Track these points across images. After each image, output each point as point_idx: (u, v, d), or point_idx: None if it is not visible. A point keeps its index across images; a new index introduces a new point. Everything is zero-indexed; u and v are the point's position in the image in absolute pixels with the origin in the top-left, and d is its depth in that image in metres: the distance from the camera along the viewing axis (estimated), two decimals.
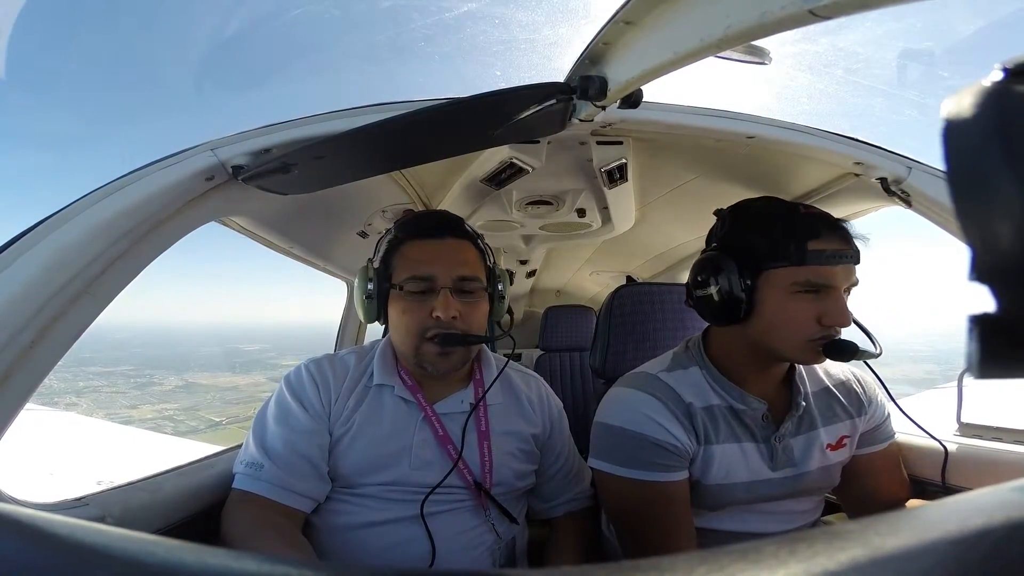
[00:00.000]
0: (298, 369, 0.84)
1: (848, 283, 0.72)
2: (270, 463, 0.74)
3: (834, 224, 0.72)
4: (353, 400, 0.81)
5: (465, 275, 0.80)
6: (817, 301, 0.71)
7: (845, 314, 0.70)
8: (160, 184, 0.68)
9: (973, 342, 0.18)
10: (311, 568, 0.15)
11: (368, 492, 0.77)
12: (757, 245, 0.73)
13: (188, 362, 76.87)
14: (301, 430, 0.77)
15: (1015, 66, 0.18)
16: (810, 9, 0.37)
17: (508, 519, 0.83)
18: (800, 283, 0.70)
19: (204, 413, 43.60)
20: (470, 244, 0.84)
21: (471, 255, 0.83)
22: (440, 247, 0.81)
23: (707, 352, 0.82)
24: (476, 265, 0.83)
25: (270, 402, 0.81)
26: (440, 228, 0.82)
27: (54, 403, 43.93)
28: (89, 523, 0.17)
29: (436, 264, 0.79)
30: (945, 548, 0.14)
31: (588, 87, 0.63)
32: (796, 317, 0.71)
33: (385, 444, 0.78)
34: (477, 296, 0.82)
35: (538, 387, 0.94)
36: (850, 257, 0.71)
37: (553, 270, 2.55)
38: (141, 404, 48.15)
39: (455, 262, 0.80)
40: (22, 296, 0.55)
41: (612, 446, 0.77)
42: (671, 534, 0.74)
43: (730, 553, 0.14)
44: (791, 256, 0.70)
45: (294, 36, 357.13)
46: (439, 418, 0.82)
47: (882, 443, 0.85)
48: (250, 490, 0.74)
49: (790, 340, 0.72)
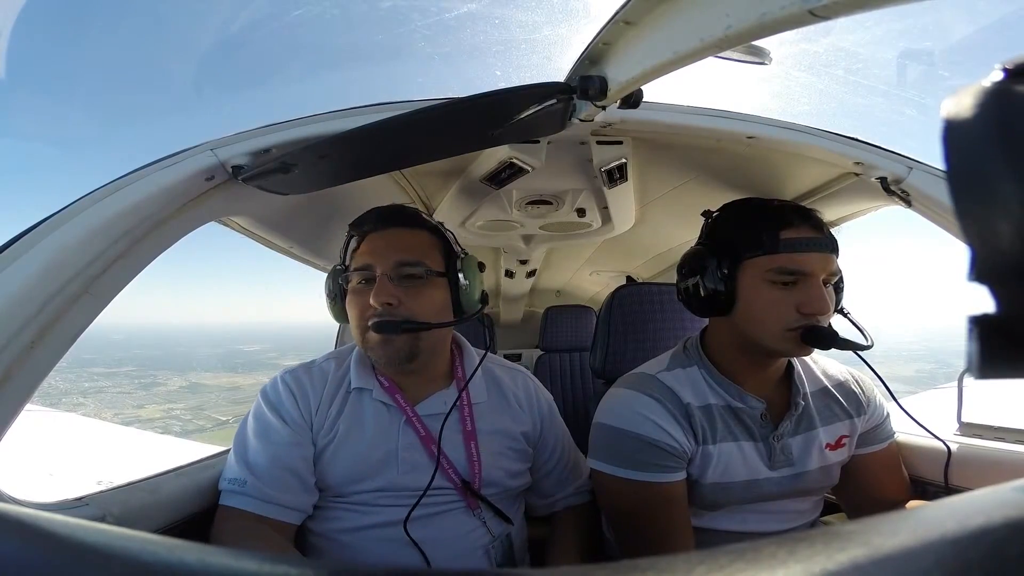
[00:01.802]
0: (274, 381, 0.82)
1: (826, 272, 0.73)
2: (253, 478, 0.74)
3: (807, 214, 0.75)
4: (335, 408, 0.79)
5: (405, 260, 0.77)
6: (795, 290, 0.72)
7: (823, 302, 0.71)
8: (160, 184, 0.68)
9: (973, 342, 0.18)
10: (311, 568, 0.15)
11: (359, 499, 0.76)
12: (735, 238, 0.76)
13: (190, 363, 77.26)
14: (282, 443, 0.75)
15: (1015, 66, 0.18)
16: (810, 9, 0.37)
17: (502, 519, 0.82)
18: (775, 270, 0.72)
19: (210, 412, 43.81)
20: (421, 231, 0.82)
21: (418, 241, 0.81)
22: (383, 237, 0.80)
23: (705, 351, 0.82)
24: (423, 250, 0.80)
25: (248, 417, 0.80)
26: (385, 220, 0.81)
27: (60, 403, 44.21)
28: (89, 523, 0.17)
29: (375, 254, 0.78)
30: (945, 548, 0.14)
31: (588, 87, 0.63)
32: (774, 306, 0.72)
33: (370, 452, 0.77)
34: (423, 282, 0.78)
35: (525, 382, 0.92)
36: (824, 245, 0.73)
37: (553, 270, 2.55)
38: (147, 404, 48.52)
39: (395, 249, 0.78)
40: (22, 296, 0.55)
41: (610, 447, 0.78)
42: (668, 535, 0.75)
43: (729, 553, 0.14)
44: (765, 244, 0.72)
45: (294, 36, 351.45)
46: (421, 419, 0.80)
47: (881, 443, 0.85)
48: (235, 506, 0.74)
49: (770, 329, 0.73)
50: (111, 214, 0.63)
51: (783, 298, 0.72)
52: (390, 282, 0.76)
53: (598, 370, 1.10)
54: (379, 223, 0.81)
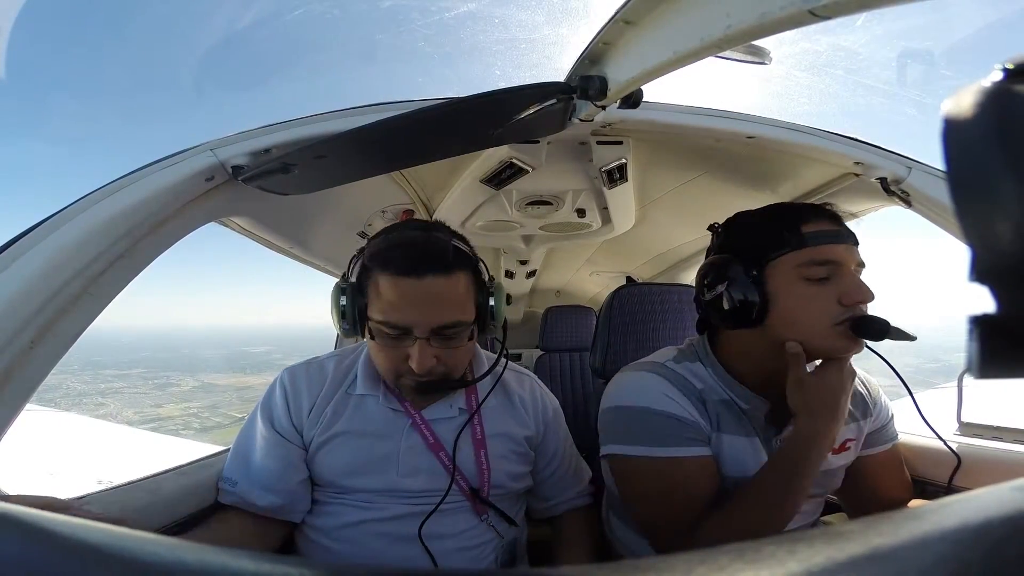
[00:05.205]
0: (272, 383, 0.83)
1: (855, 262, 0.70)
2: (244, 477, 0.77)
3: (820, 209, 0.73)
4: (331, 408, 0.79)
5: (446, 324, 0.70)
6: (831, 284, 0.68)
7: (863, 288, 0.67)
8: (160, 184, 0.68)
9: (973, 342, 0.18)
10: (311, 568, 0.15)
11: (359, 497, 0.77)
12: (755, 241, 0.73)
13: (199, 364, 78.12)
14: (269, 447, 0.78)
15: (1015, 66, 0.18)
16: (810, 9, 0.37)
17: (507, 522, 0.82)
18: (806, 263, 0.68)
19: (226, 410, 44.62)
20: (458, 277, 0.71)
21: (457, 292, 0.70)
22: (418, 290, 0.68)
23: (716, 354, 0.80)
24: (461, 304, 0.71)
25: (248, 416, 0.83)
26: (420, 266, 0.68)
27: (82, 404, 44.65)
28: (89, 522, 0.17)
29: (412, 312, 0.68)
30: (945, 548, 0.14)
31: (588, 87, 0.63)
32: (814, 301, 0.68)
33: (370, 449, 0.77)
34: (461, 338, 0.73)
35: (532, 386, 0.91)
36: (846, 236, 0.70)
37: (553, 270, 2.55)
38: (165, 404, 49.52)
39: (435, 310, 0.69)
40: (22, 296, 0.55)
41: (632, 427, 0.74)
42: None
43: (729, 553, 0.14)
44: (789, 241, 0.69)
45: (294, 36, 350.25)
46: (428, 424, 0.80)
47: (885, 444, 0.84)
48: (225, 502, 0.78)
49: (815, 327, 0.68)
50: (111, 214, 0.63)
51: (821, 292, 0.68)
52: (429, 346, 0.70)
53: (598, 370, 1.10)
54: (412, 269, 0.68)
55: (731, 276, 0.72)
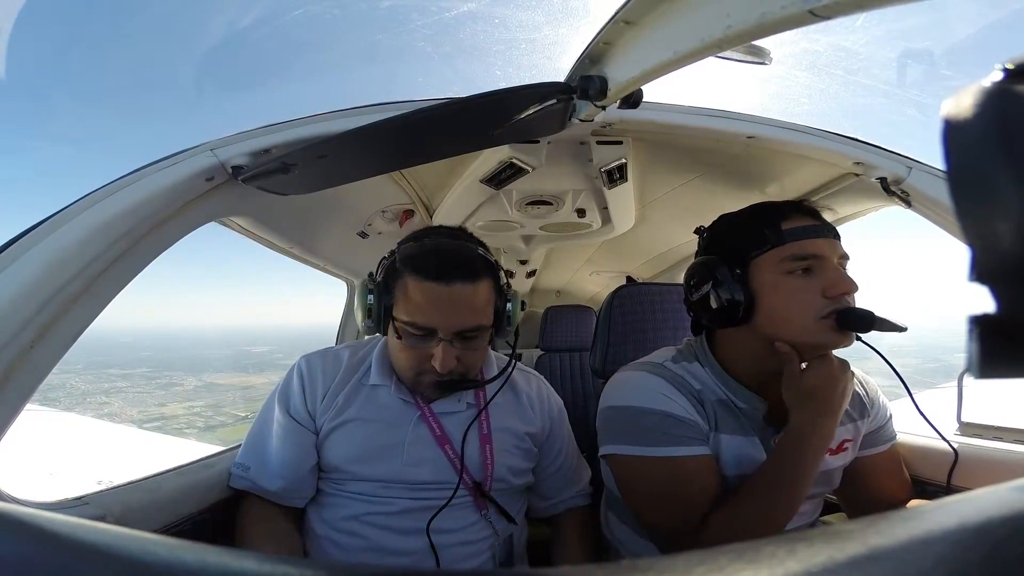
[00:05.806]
0: (291, 370, 0.86)
1: (837, 255, 0.71)
2: (255, 463, 0.81)
3: (800, 205, 0.75)
4: (343, 396, 0.81)
5: (469, 327, 0.75)
6: (814, 276, 0.69)
7: (846, 279, 0.68)
8: (160, 184, 0.68)
9: (973, 342, 0.18)
10: (311, 568, 0.15)
11: (362, 488, 0.79)
12: (737, 241, 0.75)
13: (202, 364, 78.50)
14: (282, 432, 0.81)
15: (1015, 66, 0.18)
16: (810, 9, 0.37)
17: (506, 518, 0.83)
18: (787, 259, 0.70)
19: (228, 409, 45.01)
20: (482, 285, 0.75)
21: (480, 299, 0.75)
22: (445, 294, 0.73)
23: (713, 355, 0.80)
24: (483, 309, 0.76)
25: (263, 405, 0.85)
26: (449, 272, 0.73)
27: (86, 403, 44.80)
28: (89, 522, 0.17)
29: (438, 315, 0.73)
30: (945, 548, 0.14)
31: (588, 87, 0.63)
32: (798, 295, 0.69)
33: (377, 436, 0.79)
34: (480, 341, 0.78)
35: (538, 385, 0.94)
36: (826, 230, 0.71)
37: (553, 270, 2.55)
38: (169, 403, 49.85)
39: (460, 314, 0.74)
40: (22, 296, 0.55)
41: (631, 427, 0.75)
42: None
43: (729, 553, 0.14)
44: (769, 238, 0.71)
45: (294, 36, 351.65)
46: (436, 417, 0.82)
47: (884, 444, 0.84)
48: (238, 487, 0.82)
49: (800, 322, 0.69)
50: (111, 214, 0.63)
51: (804, 287, 0.69)
52: (452, 347, 0.74)
53: (598, 370, 1.10)
54: (442, 275, 0.73)
55: (716, 276, 0.73)
